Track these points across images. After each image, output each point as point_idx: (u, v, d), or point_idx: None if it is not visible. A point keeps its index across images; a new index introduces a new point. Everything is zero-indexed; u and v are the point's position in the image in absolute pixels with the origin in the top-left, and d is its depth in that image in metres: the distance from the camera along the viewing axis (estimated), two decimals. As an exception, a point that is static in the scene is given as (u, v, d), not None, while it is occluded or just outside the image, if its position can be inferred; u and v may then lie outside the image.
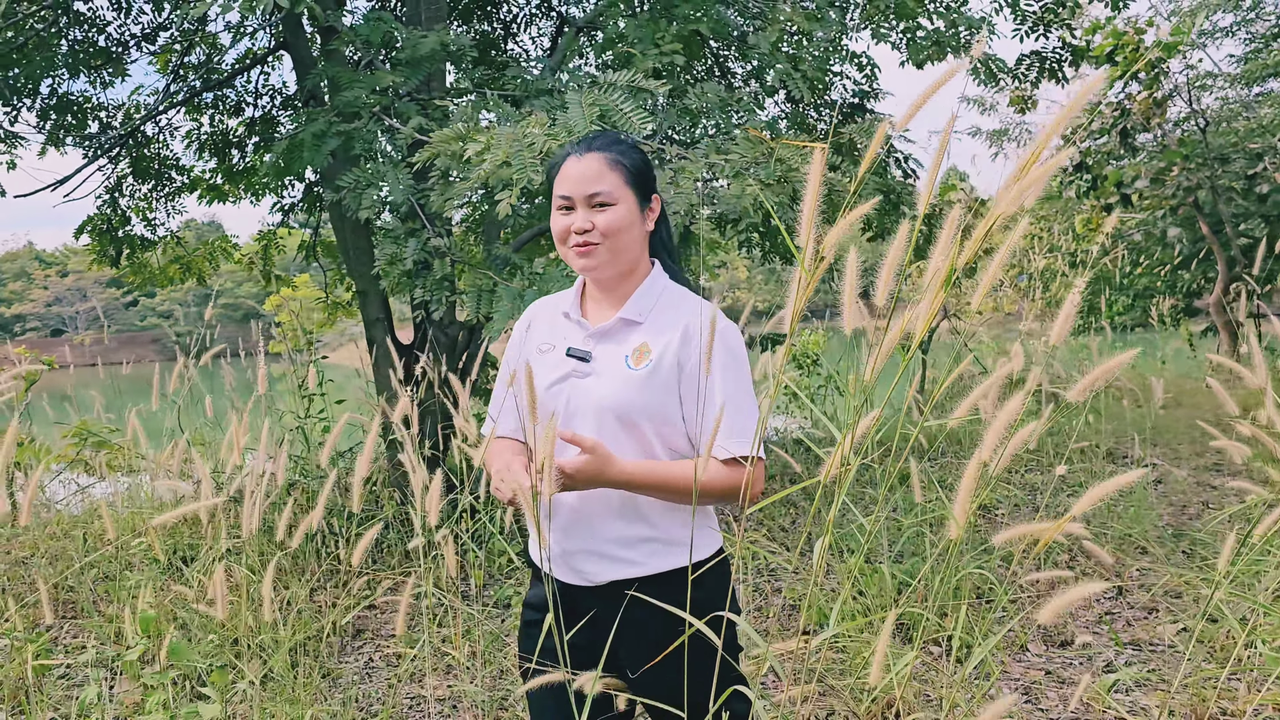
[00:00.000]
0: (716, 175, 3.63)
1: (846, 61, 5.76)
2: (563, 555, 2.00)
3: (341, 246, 6.53)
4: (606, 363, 1.95)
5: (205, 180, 8.59)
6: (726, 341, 1.92)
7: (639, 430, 1.91)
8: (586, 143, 1.99)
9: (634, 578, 1.93)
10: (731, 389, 1.89)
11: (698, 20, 4.93)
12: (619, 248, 1.94)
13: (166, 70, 8.06)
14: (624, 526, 1.95)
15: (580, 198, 1.93)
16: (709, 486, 1.87)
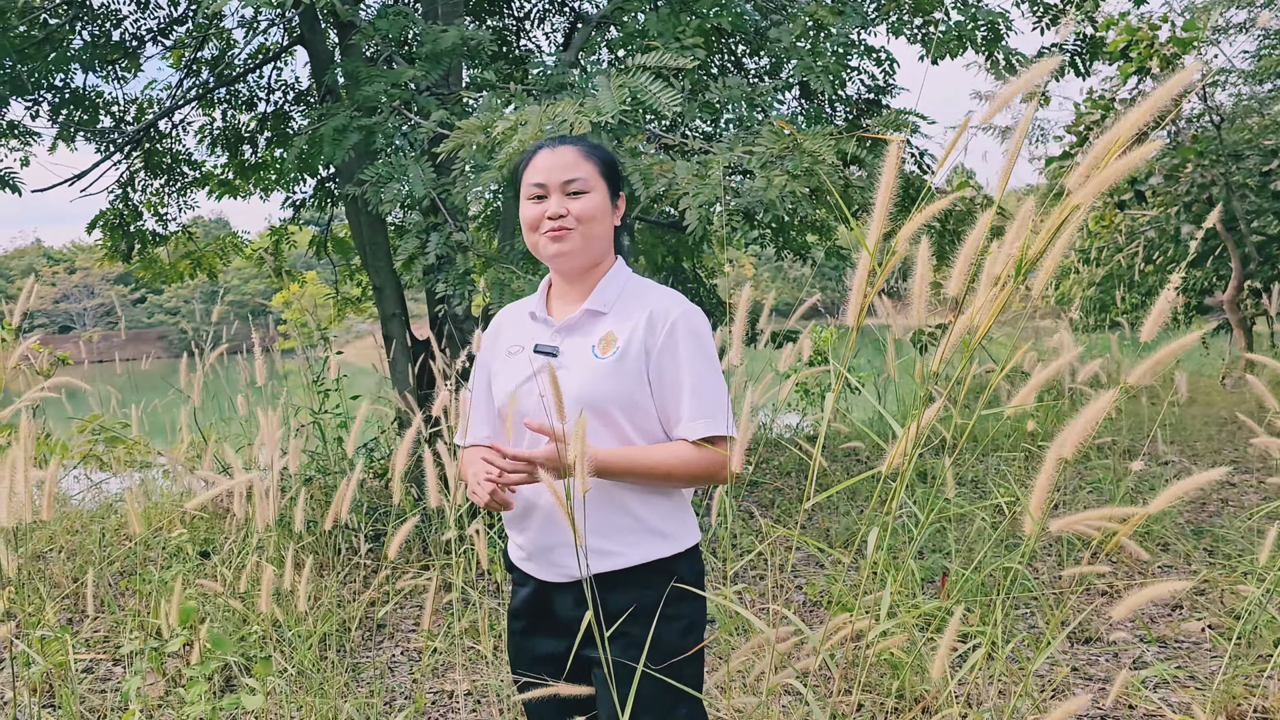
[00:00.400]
0: (743, 167, 3.60)
1: (865, 56, 5.73)
2: (541, 550, 1.99)
3: (358, 242, 6.52)
4: (574, 355, 1.95)
5: (217, 175, 8.60)
6: (691, 324, 1.93)
7: (612, 419, 1.91)
8: (559, 138, 2.02)
9: (614, 569, 1.92)
10: (699, 370, 1.90)
11: (718, 14, 4.91)
12: (591, 235, 1.96)
13: (180, 65, 8.05)
14: (602, 515, 1.93)
15: (555, 184, 1.95)
16: (683, 468, 1.89)
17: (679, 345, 1.91)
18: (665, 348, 1.91)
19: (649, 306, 1.95)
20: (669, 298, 1.98)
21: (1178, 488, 1.35)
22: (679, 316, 1.93)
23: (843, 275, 8.35)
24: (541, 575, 2.01)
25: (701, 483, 1.96)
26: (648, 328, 1.92)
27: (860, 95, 7.25)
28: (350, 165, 6.00)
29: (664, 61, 3.60)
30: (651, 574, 1.94)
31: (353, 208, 6.33)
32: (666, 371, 1.91)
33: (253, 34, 8.01)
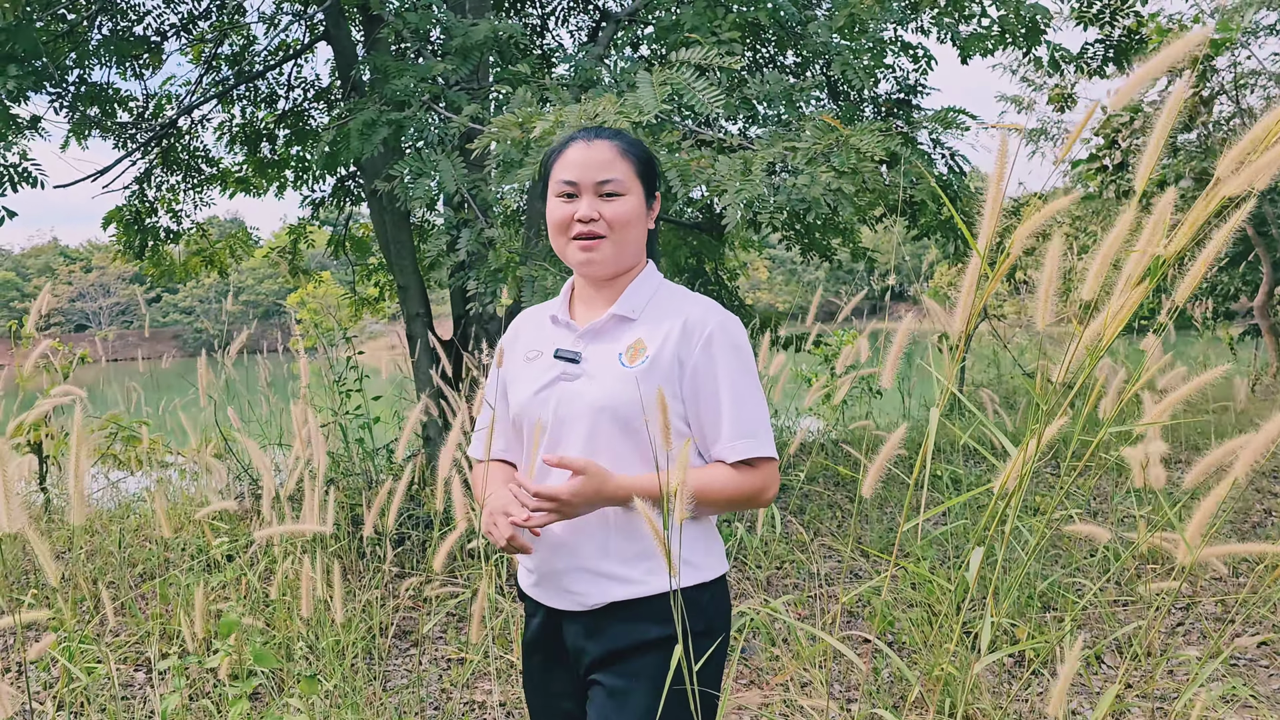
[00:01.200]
0: (787, 164, 3.48)
1: (902, 53, 5.60)
2: (552, 575, 1.83)
3: (381, 240, 6.43)
4: (598, 362, 1.80)
5: (234, 173, 8.52)
6: (730, 335, 1.78)
7: (639, 435, 1.74)
8: (594, 131, 1.86)
9: (632, 598, 1.76)
10: (738, 385, 1.76)
11: (755, 8, 4.80)
12: (624, 242, 1.81)
13: (199, 61, 7.98)
14: (621, 542, 1.77)
15: (588, 184, 1.79)
16: (721, 493, 1.75)
17: (717, 358, 1.76)
18: (702, 360, 1.76)
19: (683, 314, 1.79)
20: (705, 305, 1.83)
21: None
22: (716, 326, 1.77)
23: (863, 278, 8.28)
24: (551, 602, 1.85)
25: (739, 508, 1.81)
26: (682, 337, 1.77)
27: (890, 94, 7.13)
28: (374, 162, 5.90)
29: (709, 59, 3.48)
30: (671, 605, 1.76)
31: (376, 206, 6.24)
32: (703, 386, 1.76)
33: (274, 30, 7.93)
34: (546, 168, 1.89)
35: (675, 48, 4.79)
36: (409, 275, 6.17)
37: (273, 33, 7.84)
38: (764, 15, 4.76)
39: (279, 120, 8.06)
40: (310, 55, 8.01)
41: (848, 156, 3.41)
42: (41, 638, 1.63)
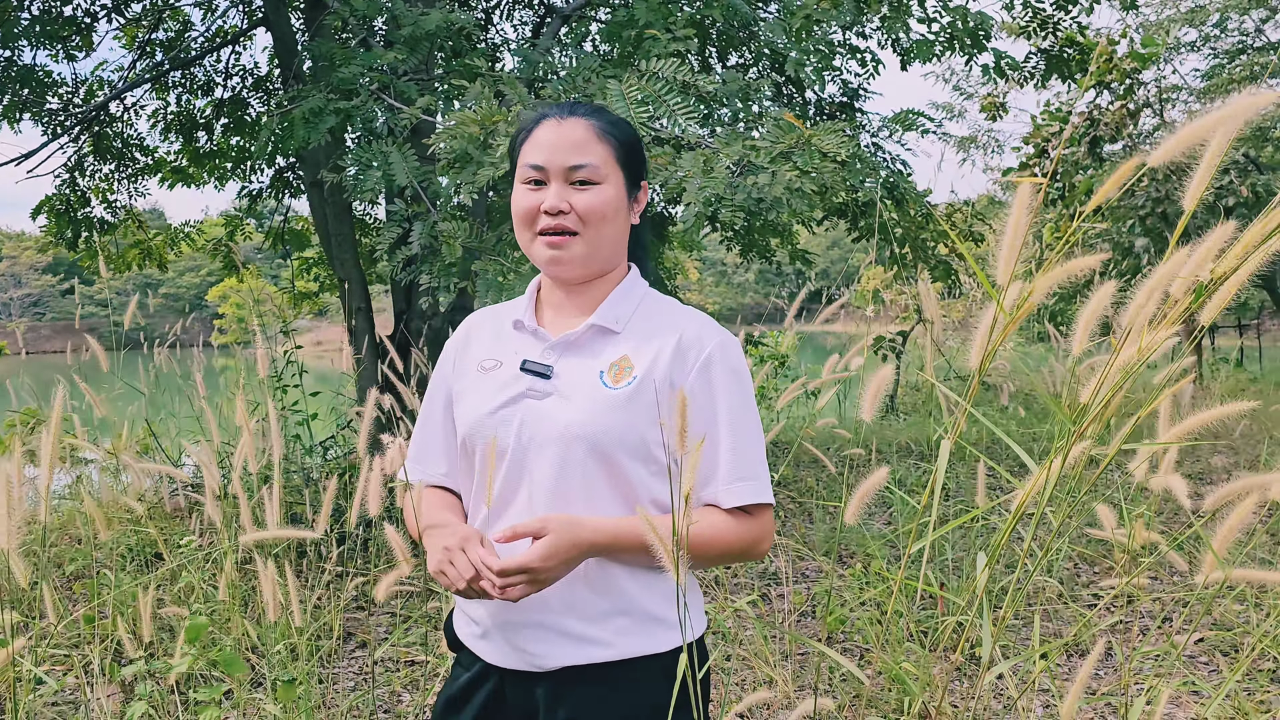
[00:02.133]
0: (752, 162, 3.48)
1: (850, 55, 5.66)
2: (505, 629, 1.54)
3: (322, 233, 6.28)
4: (573, 379, 1.53)
5: (169, 162, 8.27)
6: (730, 359, 1.55)
7: (618, 468, 1.50)
8: (568, 106, 1.59)
9: (597, 662, 1.51)
10: (738, 418, 1.53)
11: (709, 5, 4.80)
12: (599, 240, 1.55)
13: (133, 45, 7.73)
14: (590, 596, 1.51)
15: (557, 169, 1.53)
16: (717, 543, 1.51)
17: (716, 384, 1.52)
18: (698, 386, 1.51)
19: (677, 330, 1.55)
20: (701, 321, 1.59)
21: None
22: (716, 347, 1.54)
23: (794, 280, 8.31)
24: (499, 661, 1.56)
25: (732, 561, 1.57)
26: (675, 357, 1.52)
27: (833, 97, 7.20)
28: (314, 154, 5.77)
29: (680, 74, 3.46)
30: (645, 671, 1.52)
31: (317, 198, 6.11)
32: (698, 417, 1.50)
33: (209, 14, 7.72)
34: (514, 150, 1.62)
35: (627, 45, 4.78)
36: (350, 268, 6.04)
37: (210, 18, 7.62)
38: (717, 13, 4.76)
39: (216, 109, 7.84)
40: (249, 42, 7.80)
41: (810, 157, 3.42)
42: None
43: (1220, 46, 13.16)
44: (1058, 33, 6.21)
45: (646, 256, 1.72)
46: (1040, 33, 6.18)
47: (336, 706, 3.20)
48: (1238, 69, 12.92)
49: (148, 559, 4.79)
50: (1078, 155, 11.58)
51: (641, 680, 1.52)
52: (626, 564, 1.52)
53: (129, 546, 4.85)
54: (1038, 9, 6.13)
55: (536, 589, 1.43)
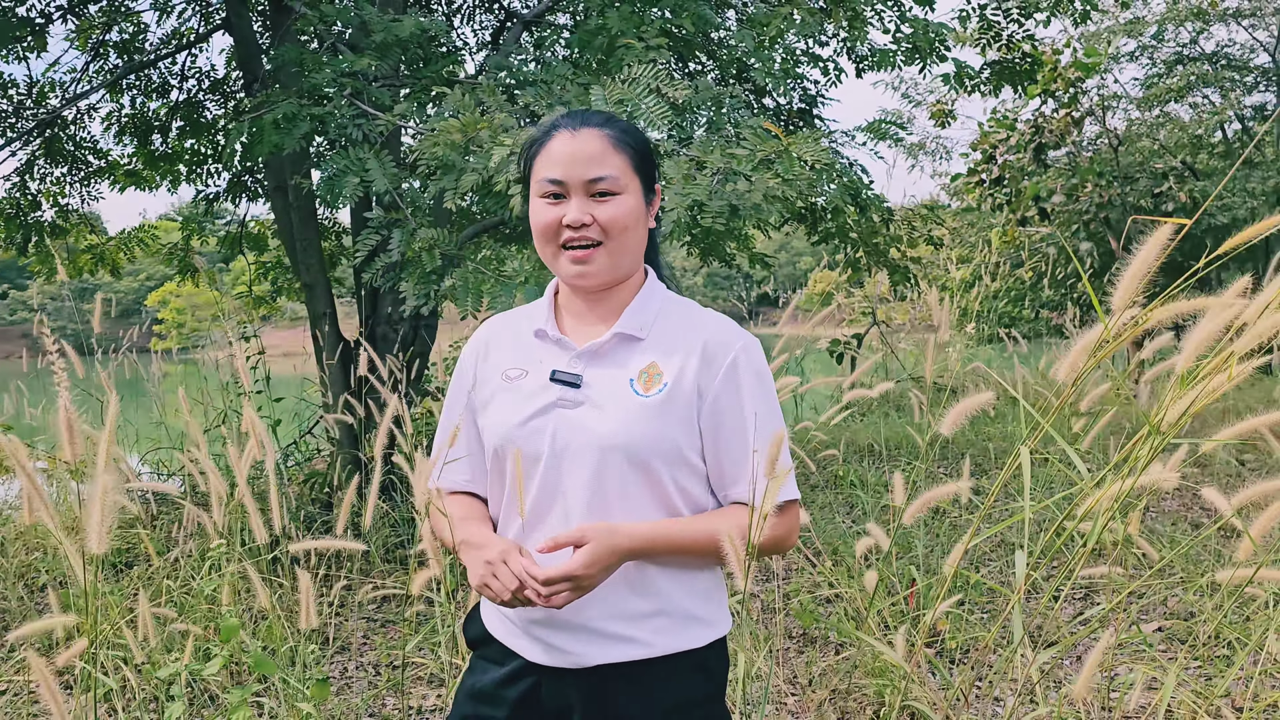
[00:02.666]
0: (734, 169, 3.56)
1: (812, 64, 5.78)
2: (541, 629, 1.58)
3: (286, 238, 6.25)
4: (604, 389, 1.56)
5: (123, 165, 8.15)
6: (754, 361, 1.59)
7: (654, 476, 1.53)
8: (580, 116, 1.59)
9: (635, 660, 1.55)
10: (763, 419, 1.57)
11: (677, 15, 4.88)
12: (622, 250, 1.57)
13: (86, 47, 7.60)
14: (630, 597, 1.55)
15: (577, 183, 1.54)
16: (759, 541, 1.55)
17: (742, 387, 1.56)
18: (725, 389, 1.55)
19: (702, 335, 1.58)
20: (724, 325, 1.62)
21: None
22: (740, 350, 1.57)
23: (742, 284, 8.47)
24: (538, 659, 1.59)
25: (765, 555, 1.61)
26: (703, 362, 1.56)
27: (793, 104, 7.33)
28: (279, 159, 5.74)
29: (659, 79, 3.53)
30: (679, 667, 1.57)
31: (282, 203, 6.07)
32: (727, 420, 1.55)
33: (165, 17, 7.61)
34: (527, 162, 1.63)
35: (598, 52, 4.84)
36: (315, 274, 6.02)
37: (165, 21, 7.52)
38: (687, 22, 4.84)
39: (172, 111, 7.75)
40: (206, 45, 7.72)
41: (790, 164, 3.51)
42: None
43: (1158, 57, 13.57)
44: (1010, 45, 6.40)
45: (657, 255, 1.74)
46: (994, 44, 6.37)
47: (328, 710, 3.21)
48: (1174, 79, 13.33)
49: (118, 566, 4.74)
50: (1024, 161, 11.88)
51: (677, 675, 1.57)
52: (663, 564, 1.56)
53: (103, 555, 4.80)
54: (993, 21, 6.30)
55: (580, 595, 1.47)
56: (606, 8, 4.81)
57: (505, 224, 6.27)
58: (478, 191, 4.02)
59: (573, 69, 4.75)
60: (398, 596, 4.44)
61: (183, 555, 3.81)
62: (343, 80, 4.48)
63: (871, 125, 4.32)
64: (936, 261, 12.46)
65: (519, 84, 4.62)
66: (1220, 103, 13.35)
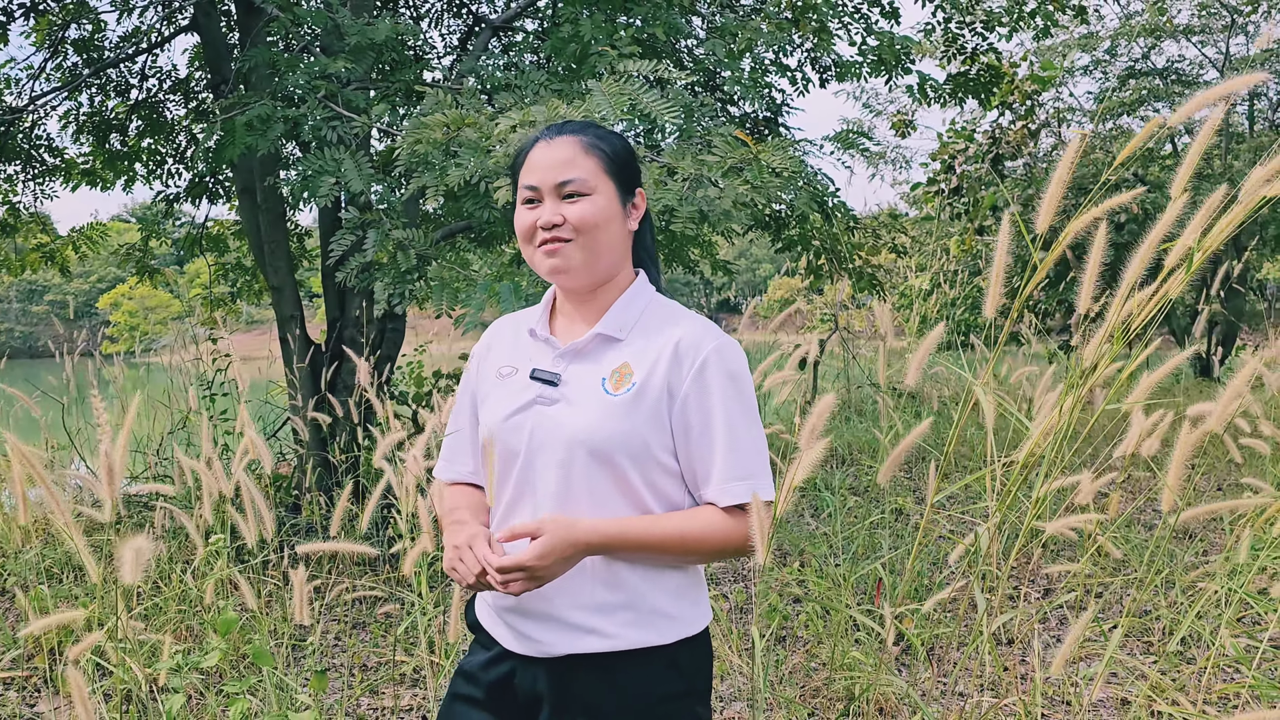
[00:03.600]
0: (705, 175, 3.62)
1: (780, 73, 5.87)
2: (513, 616, 1.66)
3: (253, 240, 6.21)
4: (578, 387, 1.63)
5: (79, 164, 8.05)
6: (726, 362, 1.61)
7: (620, 472, 1.58)
8: (558, 127, 1.69)
9: (601, 652, 1.59)
10: (734, 420, 1.59)
11: (649, 23, 4.94)
12: (595, 247, 1.63)
13: (43, 43, 7.50)
14: (597, 590, 1.60)
15: (548, 187, 1.63)
16: (709, 541, 1.59)
17: (711, 387, 1.59)
18: (694, 390, 1.59)
19: (676, 336, 1.62)
20: (700, 326, 1.65)
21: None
22: (712, 351, 1.60)
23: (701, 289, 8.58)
24: (511, 646, 1.66)
25: (729, 557, 1.63)
26: (673, 362, 1.60)
27: (759, 112, 7.42)
28: (246, 160, 5.72)
29: (659, 71, 3.58)
30: (647, 662, 1.61)
31: (249, 204, 6.04)
32: (695, 419, 1.59)
33: (126, 16, 7.53)
34: (514, 174, 1.73)
35: (570, 59, 4.88)
36: (283, 276, 6.00)
37: (126, 20, 7.44)
38: (659, 30, 4.90)
39: (131, 110, 7.67)
40: (168, 46, 7.63)
41: (759, 172, 3.58)
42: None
43: (1111, 71, 13.89)
44: (974, 59, 6.54)
45: (652, 261, 1.78)
46: (957, 58, 6.51)
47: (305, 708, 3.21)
48: (1127, 92, 13.65)
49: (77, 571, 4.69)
50: (982, 171, 12.10)
51: (644, 670, 1.60)
52: (632, 560, 1.59)
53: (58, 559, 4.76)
54: (956, 34, 6.45)
55: (536, 585, 1.52)
56: (579, 15, 4.86)
57: (471, 229, 6.30)
58: (455, 193, 4.05)
59: (546, 75, 4.79)
60: (369, 599, 4.45)
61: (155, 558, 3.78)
62: (317, 83, 4.49)
63: (839, 135, 4.41)
64: (896, 269, 12.66)
65: (494, 89, 4.66)
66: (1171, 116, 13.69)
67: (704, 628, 1.68)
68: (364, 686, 3.59)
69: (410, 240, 3.91)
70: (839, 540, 4.57)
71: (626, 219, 1.69)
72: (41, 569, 4.62)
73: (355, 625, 4.34)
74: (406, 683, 3.72)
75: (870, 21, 5.76)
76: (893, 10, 6.08)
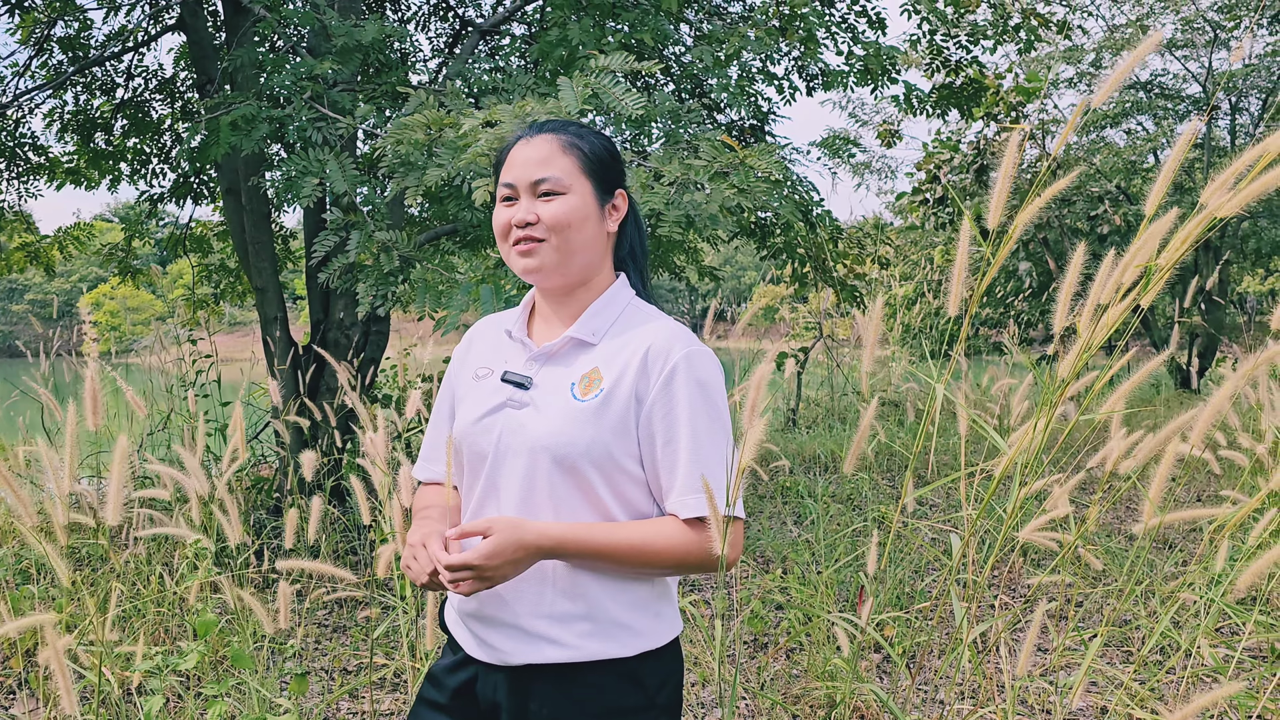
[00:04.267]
0: (689, 180, 3.62)
1: (767, 81, 5.89)
2: (474, 622, 1.64)
3: (238, 240, 6.19)
4: (547, 391, 1.60)
5: (64, 163, 8.00)
6: (696, 370, 1.56)
7: (585, 479, 1.54)
8: (539, 125, 1.67)
9: (560, 662, 1.56)
10: (699, 430, 1.54)
11: (639, 30, 4.95)
12: (569, 247, 1.60)
13: (28, 40, 7.45)
14: (556, 599, 1.56)
15: (524, 185, 1.61)
16: (669, 553, 1.54)
17: (678, 396, 1.54)
18: (661, 397, 1.55)
19: (647, 342, 1.58)
20: (671, 332, 1.60)
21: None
22: (681, 359, 1.55)
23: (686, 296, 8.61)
24: (473, 652, 1.64)
25: (690, 571, 1.57)
26: (640, 368, 1.56)
27: (745, 120, 7.45)
28: (231, 161, 5.70)
29: (628, 65, 3.57)
30: (606, 674, 1.56)
31: (234, 205, 6.02)
32: (659, 428, 1.55)
33: (113, 14, 7.50)
34: (495, 172, 1.71)
35: (558, 64, 4.89)
36: (268, 277, 5.97)
37: (113, 18, 7.40)
38: (647, 36, 4.91)
39: (117, 109, 7.63)
40: (155, 44, 7.60)
41: (745, 176, 3.59)
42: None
43: (1095, 84, 13.99)
44: (958, 70, 6.58)
45: (636, 264, 1.74)
46: (943, 69, 6.55)
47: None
48: (1110, 105, 13.74)
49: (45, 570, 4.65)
50: (966, 182, 12.17)
51: (603, 682, 1.56)
52: (594, 570, 1.55)
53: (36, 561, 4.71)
54: (941, 47, 6.49)
55: (485, 585, 1.48)
56: (567, 20, 4.86)
57: (457, 232, 6.29)
58: (436, 193, 4.03)
59: (533, 79, 4.79)
60: (348, 602, 4.42)
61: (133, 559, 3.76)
62: (303, 84, 4.48)
63: (826, 141, 4.43)
64: (880, 279, 12.71)
65: (481, 92, 4.66)
66: (1154, 130, 13.81)
67: (668, 641, 1.63)
68: (344, 690, 3.57)
69: (393, 242, 3.90)
70: (821, 547, 4.58)
71: (604, 219, 1.65)
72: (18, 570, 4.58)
73: (336, 629, 4.31)
74: (387, 687, 3.70)
75: (857, 31, 5.79)
76: (879, 20, 6.12)
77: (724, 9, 7.08)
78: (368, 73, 5.45)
